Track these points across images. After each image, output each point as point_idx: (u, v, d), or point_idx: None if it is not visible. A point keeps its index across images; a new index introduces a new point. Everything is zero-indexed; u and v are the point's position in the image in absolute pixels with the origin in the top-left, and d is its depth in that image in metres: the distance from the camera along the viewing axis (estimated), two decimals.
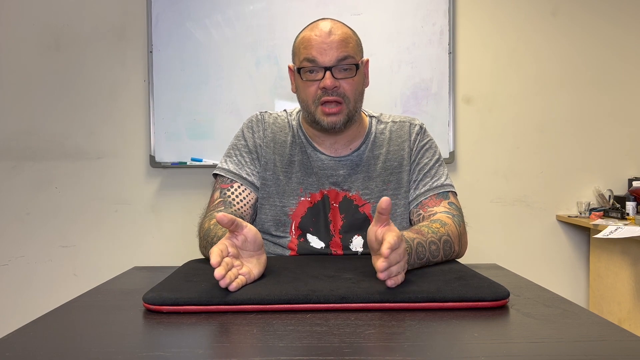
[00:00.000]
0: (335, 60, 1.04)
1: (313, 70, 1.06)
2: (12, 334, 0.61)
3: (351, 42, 1.07)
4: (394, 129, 1.17)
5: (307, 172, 1.13)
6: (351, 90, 1.07)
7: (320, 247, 1.11)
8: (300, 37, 1.11)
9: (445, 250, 0.95)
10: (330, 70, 1.04)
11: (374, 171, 1.14)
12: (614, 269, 2.09)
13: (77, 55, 2.31)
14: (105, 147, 2.33)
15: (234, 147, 1.17)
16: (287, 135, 1.16)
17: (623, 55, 2.40)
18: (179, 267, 0.93)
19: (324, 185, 1.12)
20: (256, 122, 1.18)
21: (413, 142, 1.16)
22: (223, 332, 0.61)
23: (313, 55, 1.05)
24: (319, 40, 1.05)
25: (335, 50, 1.04)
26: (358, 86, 1.09)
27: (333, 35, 1.05)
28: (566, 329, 0.62)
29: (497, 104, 2.38)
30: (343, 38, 1.06)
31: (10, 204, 2.32)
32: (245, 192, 1.12)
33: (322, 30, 1.06)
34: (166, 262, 1.23)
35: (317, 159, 1.13)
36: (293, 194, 1.12)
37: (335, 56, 1.04)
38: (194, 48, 2.25)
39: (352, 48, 1.07)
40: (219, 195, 1.11)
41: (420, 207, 1.11)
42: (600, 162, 2.41)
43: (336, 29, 1.06)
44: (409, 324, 0.63)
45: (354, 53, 1.07)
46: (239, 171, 1.13)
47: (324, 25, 1.07)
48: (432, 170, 1.14)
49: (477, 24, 2.36)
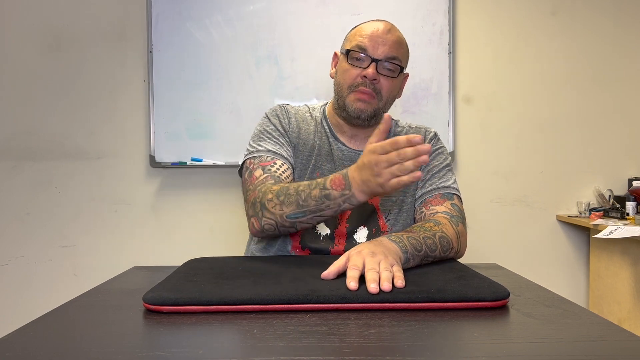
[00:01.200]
0: (385, 56, 1.09)
1: (360, 58, 1.10)
2: (12, 334, 0.61)
3: (403, 48, 1.13)
4: (410, 133, 1.23)
5: (327, 159, 1.16)
6: (387, 89, 1.11)
7: (326, 233, 1.12)
8: (358, 27, 1.15)
9: (443, 245, 0.95)
10: (377, 62, 1.08)
11: None
12: (614, 269, 2.09)
13: (77, 55, 2.31)
14: (105, 147, 2.33)
15: (264, 132, 1.17)
16: (309, 125, 1.20)
17: (623, 55, 2.40)
18: (179, 267, 0.93)
19: None
20: (280, 110, 1.21)
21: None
22: (223, 332, 0.61)
23: (366, 44, 1.09)
24: (376, 33, 1.10)
25: (388, 47, 1.09)
26: (393, 89, 1.14)
27: (390, 35, 1.11)
28: (566, 329, 0.62)
29: (497, 104, 2.38)
30: (398, 41, 1.12)
31: (10, 204, 2.32)
32: (289, 171, 1.12)
33: (383, 27, 1.11)
34: (166, 262, 1.23)
35: (338, 149, 1.17)
36: (310, 177, 1.14)
37: (386, 52, 1.09)
38: (194, 48, 2.25)
39: (402, 53, 1.13)
40: (263, 172, 1.08)
41: (424, 204, 1.13)
42: (600, 162, 2.41)
43: (394, 31, 1.13)
44: (409, 324, 0.63)
45: (402, 58, 1.13)
46: (279, 150, 1.13)
47: (385, 24, 1.13)
48: (441, 172, 1.17)
49: (477, 23, 2.36)
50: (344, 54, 1.14)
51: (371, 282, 0.71)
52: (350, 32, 1.17)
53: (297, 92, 2.25)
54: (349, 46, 1.13)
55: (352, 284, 0.72)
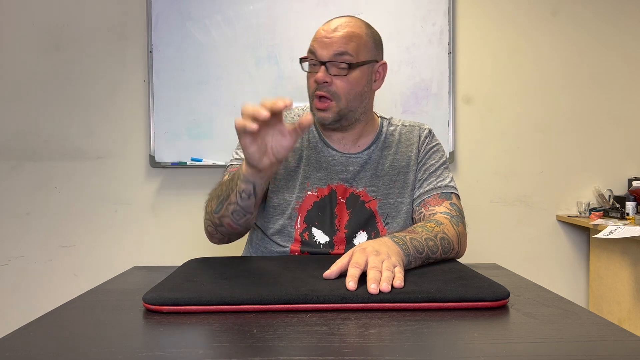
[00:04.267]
0: (332, 56, 1.04)
1: (315, 63, 1.07)
2: (12, 334, 0.61)
3: (354, 41, 1.05)
4: (404, 131, 1.19)
5: (316, 167, 1.14)
6: (343, 88, 1.06)
7: (325, 241, 1.11)
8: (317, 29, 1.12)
9: (444, 246, 0.95)
10: (325, 65, 1.04)
11: (382, 170, 1.15)
12: (614, 269, 2.09)
13: (77, 55, 2.31)
14: (105, 147, 2.33)
15: None
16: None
17: (623, 55, 2.40)
18: (179, 267, 0.93)
19: (333, 180, 1.13)
20: None
21: (421, 144, 1.18)
22: (223, 332, 0.61)
23: (314, 47, 1.06)
24: (322, 34, 1.06)
25: (334, 46, 1.04)
26: (353, 86, 1.07)
27: (337, 32, 1.05)
28: (566, 329, 0.62)
29: (497, 104, 2.38)
30: (346, 35, 1.05)
31: (10, 204, 2.32)
32: None
33: (330, 25, 1.07)
34: (166, 262, 1.23)
35: (328, 155, 1.14)
36: (300, 188, 1.13)
37: (333, 52, 1.04)
38: (194, 48, 2.25)
39: (353, 46, 1.05)
40: (228, 177, 1.10)
41: (423, 205, 1.12)
42: (600, 162, 2.41)
43: (343, 26, 1.06)
44: (409, 324, 0.63)
45: (355, 52, 1.05)
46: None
47: (335, 21, 1.08)
48: (438, 171, 1.16)
49: (477, 23, 2.36)
50: (300, 63, 1.11)
51: (372, 281, 0.71)
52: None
53: (297, 92, 2.25)
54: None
55: (351, 283, 0.71)
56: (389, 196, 1.14)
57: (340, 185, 1.13)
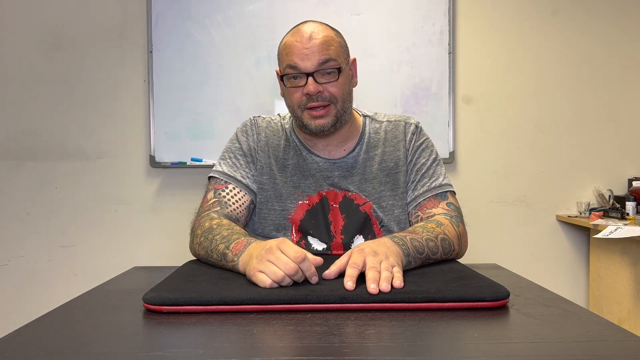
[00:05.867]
0: (317, 65, 1.02)
1: (297, 76, 1.04)
2: (12, 334, 0.61)
3: (333, 45, 1.05)
4: (389, 128, 1.16)
5: (304, 175, 1.12)
6: (337, 91, 1.05)
7: (322, 248, 1.10)
8: (282, 43, 1.08)
9: (444, 247, 0.95)
10: (312, 75, 1.03)
11: (370, 173, 1.13)
12: (614, 269, 2.09)
13: (77, 55, 2.31)
14: (105, 147, 2.33)
15: (228, 151, 1.17)
16: (280, 139, 1.16)
17: (623, 55, 2.40)
18: (179, 267, 0.93)
19: (322, 187, 1.12)
20: (250, 126, 1.18)
21: (409, 142, 1.15)
22: (223, 332, 0.61)
23: (295, 61, 1.03)
24: (299, 46, 1.03)
25: (317, 55, 1.02)
26: (344, 87, 1.07)
27: (313, 40, 1.03)
28: (566, 329, 0.62)
29: (496, 104, 2.38)
30: (324, 41, 1.04)
31: (10, 204, 2.32)
32: (240, 194, 1.11)
33: (303, 35, 1.04)
34: (166, 262, 1.23)
35: (313, 162, 1.13)
36: (290, 198, 1.11)
37: (317, 61, 1.02)
38: (194, 48, 2.25)
39: (333, 50, 1.04)
40: (213, 196, 1.10)
41: (419, 208, 1.11)
42: (600, 162, 2.41)
43: (317, 32, 1.04)
44: (409, 324, 0.63)
45: (336, 55, 1.05)
46: (233, 173, 1.12)
47: (305, 29, 1.05)
48: (430, 170, 1.13)
49: (477, 24, 2.36)
50: (280, 79, 1.08)
51: (371, 281, 0.71)
52: (278, 50, 1.10)
53: None
54: (281, 69, 1.07)
55: (349, 283, 0.71)
56: (381, 199, 1.12)
57: (330, 191, 1.12)
